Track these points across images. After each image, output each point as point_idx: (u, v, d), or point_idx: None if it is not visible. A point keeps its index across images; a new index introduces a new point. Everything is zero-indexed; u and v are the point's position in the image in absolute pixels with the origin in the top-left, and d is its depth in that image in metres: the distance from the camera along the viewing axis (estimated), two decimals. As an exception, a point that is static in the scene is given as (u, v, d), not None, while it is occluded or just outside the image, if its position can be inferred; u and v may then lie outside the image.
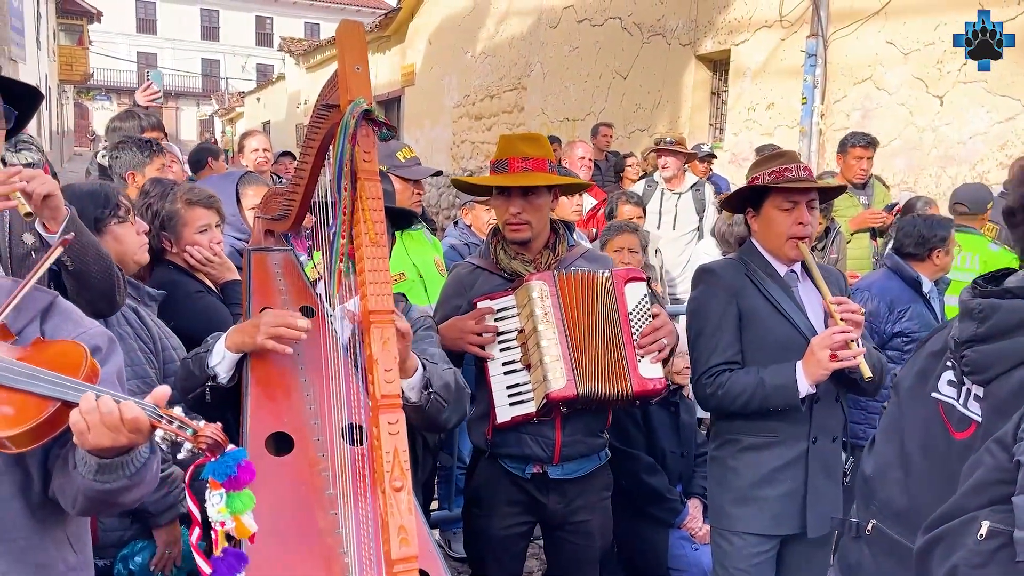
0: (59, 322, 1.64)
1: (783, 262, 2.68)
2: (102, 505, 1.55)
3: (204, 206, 2.97)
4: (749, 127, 8.87)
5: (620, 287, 2.63)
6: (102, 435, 1.41)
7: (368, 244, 1.74)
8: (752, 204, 2.72)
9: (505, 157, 2.61)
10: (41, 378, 1.45)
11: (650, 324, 2.60)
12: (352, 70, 1.82)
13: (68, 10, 29.37)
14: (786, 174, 2.59)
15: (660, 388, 2.58)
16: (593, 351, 2.57)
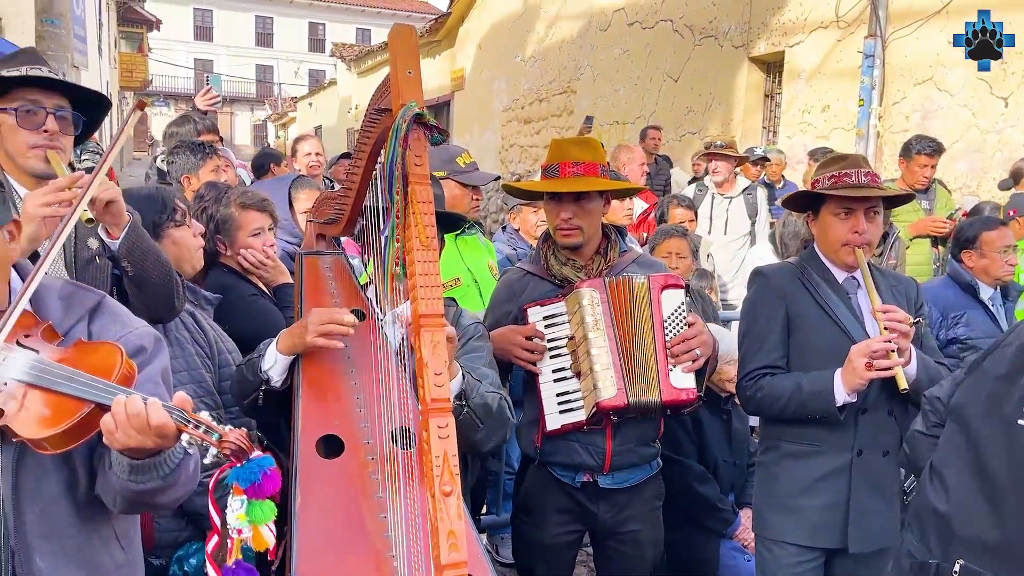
0: (106, 322, 1.66)
1: (842, 268, 2.61)
2: (140, 505, 1.57)
3: (257, 209, 3.01)
4: (803, 130, 8.71)
5: (656, 294, 2.59)
6: (130, 437, 1.43)
7: (419, 248, 1.73)
8: (812, 208, 2.65)
9: (556, 162, 2.59)
10: (78, 380, 1.47)
11: (682, 333, 2.56)
12: (404, 74, 1.82)
13: (129, 18, 30.20)
14: (845, 179, 2.52)
15: (690, 399, 2.53)
16: (640, 358, 2.53)
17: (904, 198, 2.98)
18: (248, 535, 1.47)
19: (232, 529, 1.47)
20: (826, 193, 2.54)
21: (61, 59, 7.45)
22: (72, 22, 8.00)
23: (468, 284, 3.35)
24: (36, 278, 1.57)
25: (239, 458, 1.45)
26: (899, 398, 2.53)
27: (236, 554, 1.49)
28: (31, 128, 2.11)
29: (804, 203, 2.71)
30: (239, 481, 1.44)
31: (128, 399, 1.44)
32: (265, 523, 1.47)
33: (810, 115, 8.62)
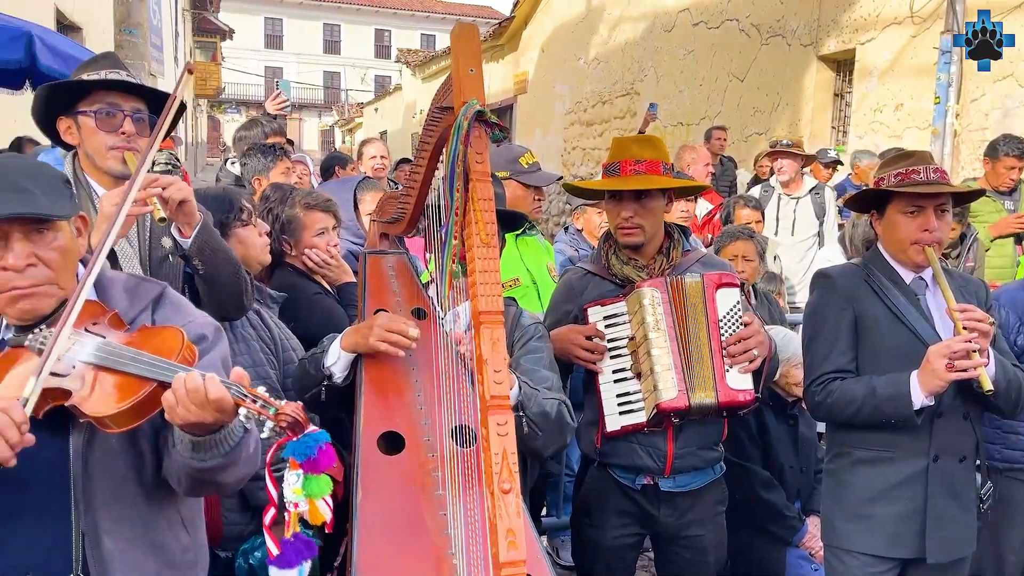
0: (169, 312, 1.72)
1: (909, 268, 2.53)
2: (204, 484, 1.61)
3: (322, 210, 3.06)
4: (875, 129, 8.45)
5: (711, 292, 2.54)
6: (190, 411, 1.47)
7: (479, 245, 1.74)
8: (877, 207, 2.57)
9: (617, 160, 2.57)
10: (141, 360, 1.52)
11: (738, 332, 2.50)
12: (466, 72, 1.82)
13: (203, 28, 31.16)
14: (912, 176, 2.44)
15: (748, 400, 2.49)
16: (700, 359, 2.49)
17: (973, 195, 2.86)
18: (304, 508, 1.49)
19: (289, 503, 1.49)
20: (893, 191, 2.46)
21: (138, 67, 7.74)
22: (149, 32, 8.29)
23: (527, 285, 3.34)
24: (97, 264, 1.63)
25: (295, 431, 1.47)
26: (975, 402, 2.43)
27: (294, 527, 1.52)
28: (110, 130, 2.19)
29: (868, 203, 2.62)
30: (295, 455, 1.46)
31: (188, 375, 1.48)
32: (321, 497, 1.49)
33: (882, 114, 8.37)
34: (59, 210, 1.58)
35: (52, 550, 1.55)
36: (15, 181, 1.54)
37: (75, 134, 2.22)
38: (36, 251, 1.56)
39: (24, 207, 1.52)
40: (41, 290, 1.58)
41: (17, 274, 1.54)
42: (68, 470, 1.56)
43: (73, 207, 1.66)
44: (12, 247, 1.54)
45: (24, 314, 1.59)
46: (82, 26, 11.43)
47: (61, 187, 1.65)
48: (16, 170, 1.58)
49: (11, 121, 5.35)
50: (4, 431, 1.39)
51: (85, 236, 1.71)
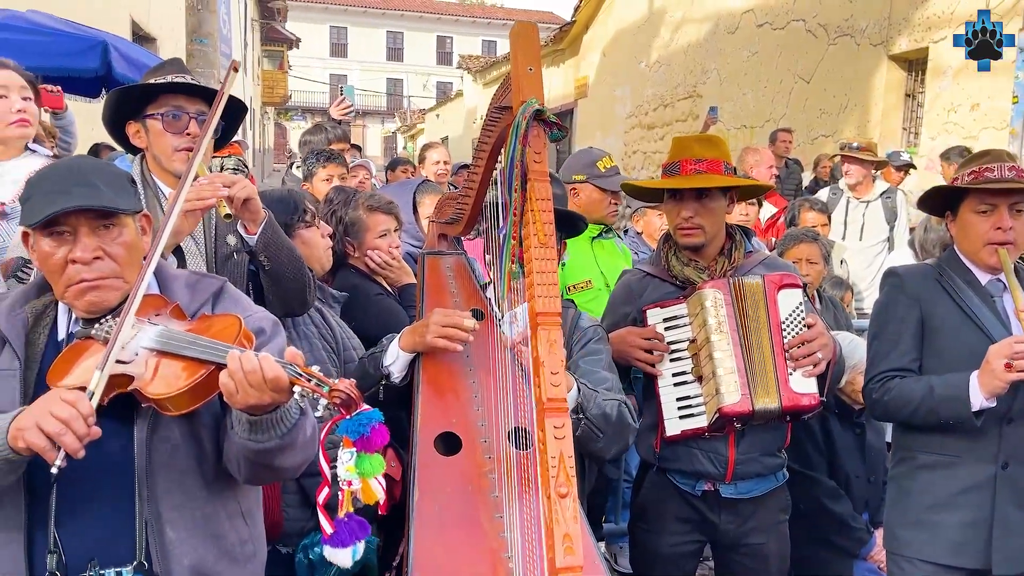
0: (228, 306, 1.77)
1: (985, 270, 2.43)
2: (262, 469, 1.63)
3: (384, 212, 3.09)
4: (949, 130, 8.18)
5: (772, 294, 2.48)
6: (248, 393, 1.50)
7: (537, 245, 1.72)
8: (951, 207, 2.49)
9: (677, 159, 2.53)
10: (199, 344, 1.56)
11: (801, 334, 2.43)
12: (525, 71, 1.81)
13: (271, 38, 31.93)
14: (986, 174, 2.36)
15: (812, 404, 2.41)
16: (764, 363, 2.43)
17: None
18: (358, 487, 1.50)
19: (342, 480, 1.50)
20: (966, 188, 2.38)
21: (208, 75, 7.96)
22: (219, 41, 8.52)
23: (599, 288, 3.32)
24: (159, 245, 1.69)
25: (348, 409, 1.49)
26: None
27: (348, 506, 1.53)
28: (176, 132, 2.25)
29: (943, 203, 2.53)
30: (348, 433, 1.47)
31: (243, 354, 1.51)
32: (374, 476, 1.50)
33: (956, 115, 8.09)
34: (124, 204, 1.64)
35: (116, 538, 1.60)
36: (83, 178, 1.61)
37: (143, 137, 2.29)
38: (103, 245, 1.62)
39: (90, 200, 1.58)
40: (107, 283, 1.63)
41: (85, 267, 1.60)
42: (132, 460, 1.61)
43: (137, 203, 1.72)
44: (80, 241, 1.60)
45: (91, 306, 1.64)
46: (156, 36, 11.83)
47: (126, 184, 1.70)
48: (84, 168, 1.65)
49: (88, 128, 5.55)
50: (72, 423, 1.43)
51: (149, 234, 1.76)
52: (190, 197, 2.04)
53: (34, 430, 1.44)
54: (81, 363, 1.58)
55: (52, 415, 1.44)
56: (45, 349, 1.67)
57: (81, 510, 1.59)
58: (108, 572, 1.58)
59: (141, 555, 1.60)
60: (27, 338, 1.66)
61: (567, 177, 3.36)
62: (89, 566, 1.58)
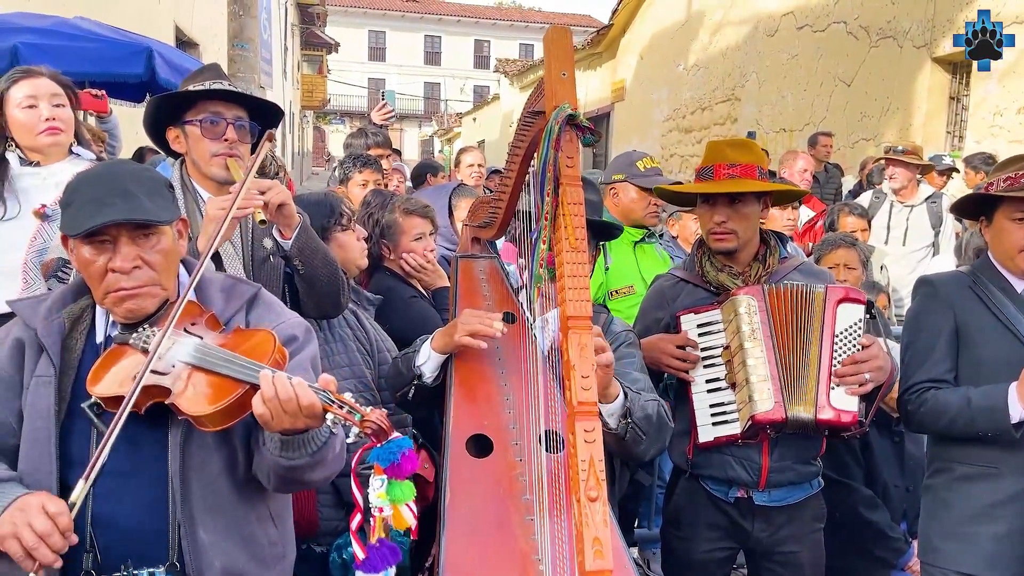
0: (262, 312, 1.80)
1: (1020, 276, 2.39)
2: (291, 482, 1.68)
3: (420, 215, 3.12)
4: (995, 134, 8.01)
5: (833, 305, 2.44)
6: (283, 420, 1.54)
7: (568, 250, 1.72)
8: (985, 213, 2.44)
9: (711, 163, 2.51)
10: (236, 363, 1.59)
11: (854, 354, 2.38)
12: (558, 76, 1.82)
13: (311, 42, 32.35)
14: (1022, 180, 2.30)
15: (848, 422, 2.36)
16: (802, 371, 2.40)
17: None
18: (389, 513, 1.53)
19: (374, 507, 1.53)
20: (1001, 195, 2.33)
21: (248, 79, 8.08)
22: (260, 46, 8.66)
23: (641, 292, 3.31)
24: (200, 271, 1.70)
25: (379, 438, 1.52)
26: None
27: (379, 532, 1.55)
28: (214, 138, 2.29)
29: (977, 209, 2.49)
30: (379, 461, 1.51)
31: (278, 382, 1.54)
32: (405, 503, 1.52)
33: (1003, 118, 7.92)
34: (163, 215, 1.67)
35: (150, 539, 1.64)
36: (122, 187, 1.63)
37: (183, 142, 2.33)
38: (141, 254, 1.65)
39: (131, 213, 1.61)
40: (145, 291, 1.67)
41: (124, 275, 1.64)
42: (166, 464, 1.64)
43: (175, 211, 1.75)
44: (120, 250, 1.64)
45: (129, 313, 1.68)
46: (199, 42, 12.06)
47: (164, 191, 1.73)
48: (123, 175, 1.68)
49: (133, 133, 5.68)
50: (48, 538, 1.47)
51: (185, 238, 1.79)
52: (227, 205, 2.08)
53: (12, 540, 1.47)
54: (117, 371, 1.61)
55: (31, 527, 1.47)
56: (83, 353, 1.71)
57: (117, 511, 1.63)
58: (142, 572, 1.62)
59: (174, 556, 1.64)
60: (63, 343, 1.69)
61: (607, 178, 3.36)
62: (123, 567, 1.61)
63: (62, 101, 2.79)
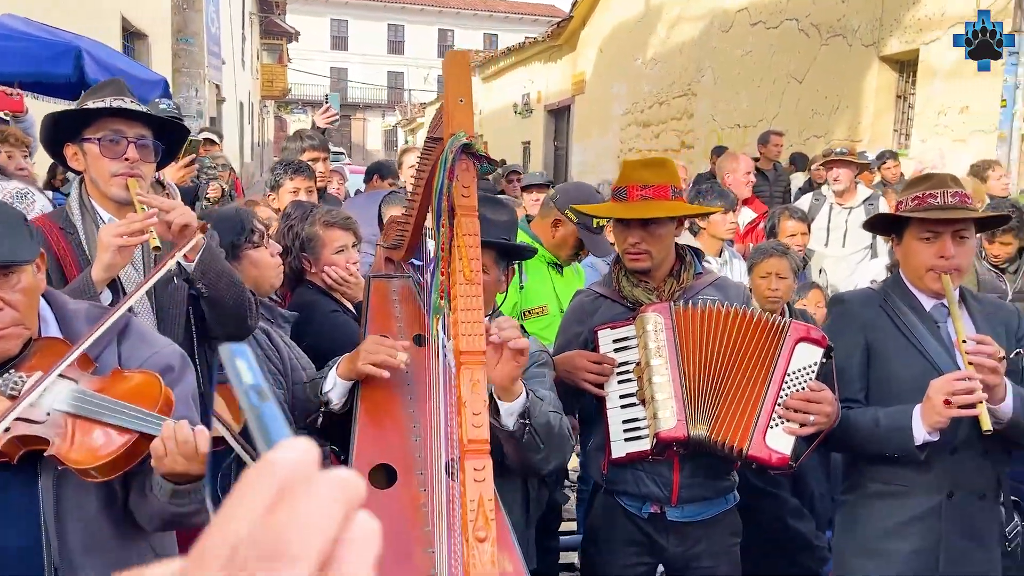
0: (135, 342, 1.74)
1: (929, 295, 2.41)
2: (177, 525, 1.66)
3: (341, 227, 3.06)
4: (939, 132, 8.14)
5: (791, 342, 2.39)
6: (177, 462, 1.51)
7: (463, 282, 1.70)
8: (896, 232, 2.47)
9: (625, 184, 2.51)
10: (124, 411, 1.54)
11: (803, 393, 2.34)
12: (456, 102, 1.78)
13: (270, 31, 31.87)
14: (929, 200, 2.33)
15: (777, 463, 2.33)
16: (720, 393, 2.39)
17: (999, 220, 2.72)
18: None
19: None
20: (909, 216, 2.35)
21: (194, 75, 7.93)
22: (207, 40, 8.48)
23: (555, 313, 3.29)
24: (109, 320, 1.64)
25: None
26: (997, 437, 2.30)
27: None
28: (113, 157, 2.21)
29: (888, 227, 2.51)
30: None
31: (177, 427, 1.50)
32: None
33: (947, 117, 8.05)
34: (24, 253, 1.60)
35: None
36: None
37: (81, 160, 2.25)
38: (1, 294, 1.57)
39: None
40: (8, 332, 1.59)
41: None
42: (39, 509, 1.58)
43: (35, 248, 1.67)
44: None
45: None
46: (147, 33, 11.80)
47: (21, 227, 1.66)
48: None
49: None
50: None
51: (43, 271, 1.71)
52: (122, 231, 2.02)
53: None
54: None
55: None
56: None
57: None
58: None
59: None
60: None
61: (563, 205, 3.31)
62: None
63: None
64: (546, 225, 3.35)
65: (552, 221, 3.33)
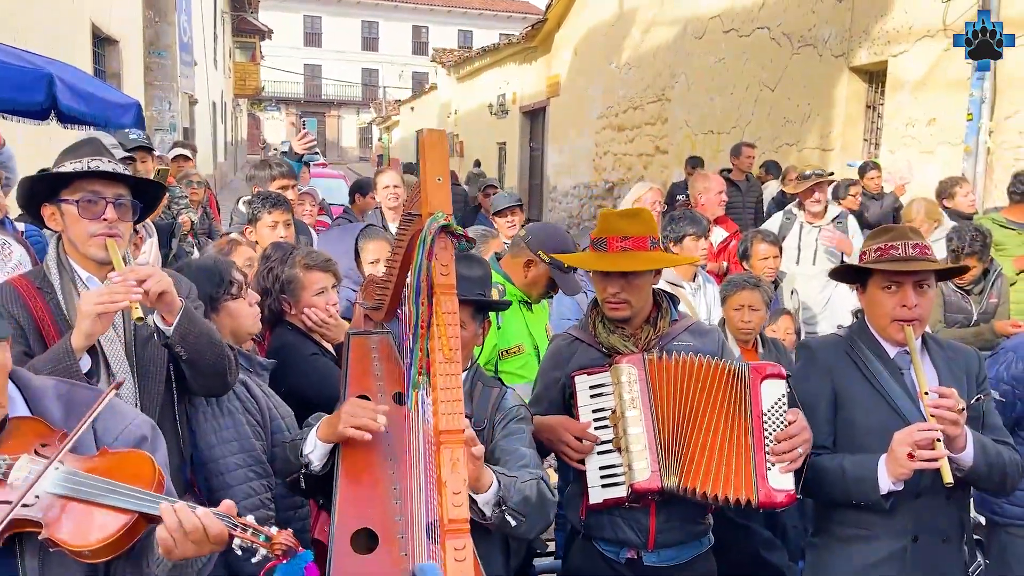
0: (106, 415, 1.73)
1: (893, 342, 2.48)
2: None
3: (321, 269, 3.09)
4: (907, 144, 8.27)
5: (756, 384, 2.45)
6: (187, 548, 1.54)
7: (442, 360, 1.73)
8: (861, 280, 2.54)
9: (604, 236, 2.55)
10: (118, 492, 1.55)
11: (785, 430, 2.40)
12: (434, 181, 1.82)
13: (242, 29, 31.55)
14: (891, 252, 2.40)
15: (787, 502, 2.38)
16: (700, 444, 2.44)
17: (955, 271, 2.82)
18: None
19: None
20: (871, 267, 2.42)
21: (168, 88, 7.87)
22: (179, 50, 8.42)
23: (529, 352, 3.33)
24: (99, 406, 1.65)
25: (287, 556, 1.55)
26: (964, 481, 2.38)
27: None
28: (92, 218, 2.21)
29: (853, 275, 2.58)
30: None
31: (180, 512, 1.53)
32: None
33: (915, 128, 8.18)
34: None
35: None
36: None
37: (59, 220, 2.25)
38: None
39: None
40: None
41: None
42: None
43: (6, 326, 1.67)
44: None
45: None
46: (118, 39, 11.65)
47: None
48: None
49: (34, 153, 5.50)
50: None
51: (10, 349, 1.68)
52: (103, 300, 2.03)
53: None
54: None
55: None
56: None
57: None
58: None
59: None
60: None
61: (535, 246, 3.34)
62: None
63: None
64: (518, 265, 3.38)
65: (524, 261, 3.36)
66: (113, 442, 1.73)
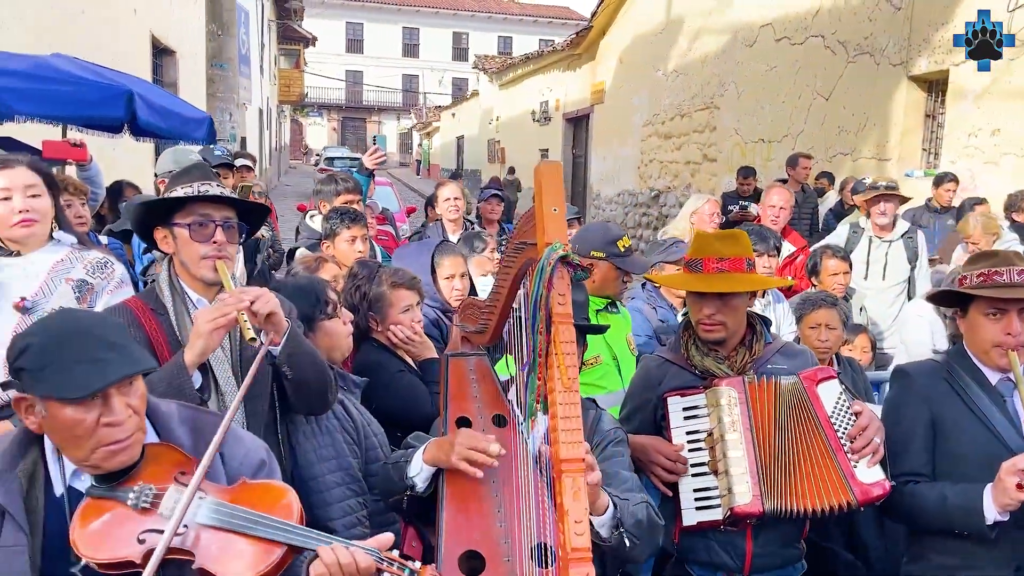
0: (231, 442, 1.80)
1: (995, 368, 2.44)
2: None
3: (407, 287, 3.13)
4: (970, 154, 8.12)
5: (812, 390, 2.48)
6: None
7: (561, 390, 1.75)
8: (961, 306, 2.50)
9: (700, 257, 2.55)
10: (268, 524, 1.60)
11: (856, 425, 2.42)
12: (550, 211, 1.84)
13: (288, 36, 32.01)
14: (995, 278, 2.37)
15: (884, 493, 2.38)
16: (791, 464, 2.44)
17: None
18: None
19: None
20: (974, 293, 2.39)
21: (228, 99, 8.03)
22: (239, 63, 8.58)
23: (608, 363, 3.33)
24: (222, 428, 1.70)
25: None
26: None
27: None
28: (202, 240, 2.28)
29: (952, 300, 2.55)
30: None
31: (337, 550, 1.60)
32: None
33: (977, 138, 8.03)
34: (148, 360, 1.67)
35: None
36: (105, 339, 1.61)
37: (171, 243, 2.32)
38: (128, 402, 1.63)
39: (134, 366, 1.62)
40: (134, 438, 1.65)
41: (118, 428, 1.61)
42: None
43: (152, 360, 1.74)
44: (112, 404, 1.60)
45: (120, 465, 1.65)
46: (175, 50, 11.92)
47: (127, 334, 1.73)
48: (94, 327, 1.64)
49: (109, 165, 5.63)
50: None
51: None
52: (216, 316, 2.08)
53: None
54: (105, 530, 1.56)
55: None
56: (46, 512, 1.65)
57: None
58: None
59: None
60: (26, 505, 1.63)
61: (584, 251, 3.35)
62: None
63: (38, 191, 2.74)
64: None
65: None
66: (239, 467, 1.78)
